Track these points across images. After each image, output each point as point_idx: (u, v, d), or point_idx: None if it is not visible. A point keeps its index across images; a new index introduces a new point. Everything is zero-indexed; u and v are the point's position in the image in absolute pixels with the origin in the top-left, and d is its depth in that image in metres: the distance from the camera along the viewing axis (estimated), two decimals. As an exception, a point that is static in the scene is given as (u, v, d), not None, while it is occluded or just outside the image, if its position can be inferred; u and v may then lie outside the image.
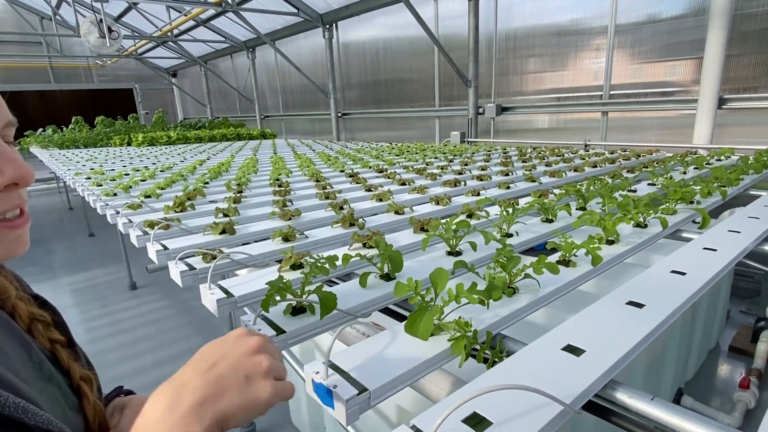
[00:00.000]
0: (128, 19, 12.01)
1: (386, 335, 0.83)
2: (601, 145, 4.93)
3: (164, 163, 4.32)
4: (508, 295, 0.97)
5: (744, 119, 4.20)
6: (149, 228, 1.63)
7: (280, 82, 11.17)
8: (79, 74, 15.57)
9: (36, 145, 7.98)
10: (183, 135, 8.21)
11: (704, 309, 2.64)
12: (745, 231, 1.41)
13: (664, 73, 4.64)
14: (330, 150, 5.42)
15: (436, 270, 0.86)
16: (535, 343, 0.80)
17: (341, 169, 3.32)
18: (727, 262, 1.15)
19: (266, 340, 0.57)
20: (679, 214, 1.62)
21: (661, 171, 2.45)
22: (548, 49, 5.55)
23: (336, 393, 0.67)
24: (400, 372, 0.72)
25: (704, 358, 2.94)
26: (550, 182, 2.56)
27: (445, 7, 6.63)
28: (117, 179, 2.98)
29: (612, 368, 0.72)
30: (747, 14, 3.95)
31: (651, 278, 1.06)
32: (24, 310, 0.64)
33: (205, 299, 1.08)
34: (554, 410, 0.61)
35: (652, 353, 2.08)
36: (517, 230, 1.48)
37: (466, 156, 3.97)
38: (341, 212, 1.81)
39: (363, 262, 1.22)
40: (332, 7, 8.19)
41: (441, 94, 7.15)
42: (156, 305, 4.54)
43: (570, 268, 1.13)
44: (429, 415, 0.61)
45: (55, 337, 0.65)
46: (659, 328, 0.85)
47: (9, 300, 0.63)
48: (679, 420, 0.64)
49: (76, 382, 0.62)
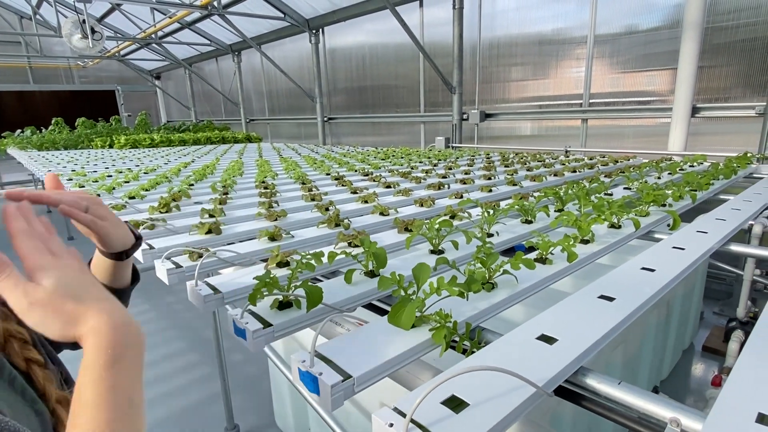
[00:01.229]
0: (111, 20, 11.86)
1: (370, 327, 0.86)
2: (581, 151, 5.06)
3: (148, 165, 4.28)
4: (487, 290, 1.01)
5: (717, 128, 4.36)
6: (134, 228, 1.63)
7: (266, 86, 11.15)
8: (59, 75, 15.28)
9: (14, 147, 7.81)
10: (167, 138, 8.13)
11: (678, 310, 2.73)
12: (712, 231, 1.49)
13: (642, 83, 4.80)
14: (316, 154, 5.44)
15: (418, 265, 0.89)
16: (511, 334, 0.84)
17: (327, 173, 3.35)
18: (694, 259, 1.22)
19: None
20: (652, 216, 1.70)
21: (637, 176, 2.54)
22: (530, 58, 5.69)
23: (321, 380, 0.70)
24: (383, 360, 0.75)
25: (679, 357, 3.03)
26: (531, 186, 2.63)
27: (430, 14, 6.73)
28: (99, 180, 2.95)
29: (582, 355, 0.76)
30: (718, 27, 4.12)
31: (622, 274, 1.12)
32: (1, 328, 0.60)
33: (192, 296, 1.10)
34: (527, 392, 0.65)
35: (628, 352, 2.15)
36: (498, 230, 1.53)
37: (450, 161, 4.03)
38: (327, 213, 1.84)
39: (348, 261, 1.25)
40: (319, 13, 8.24)
41: (426, 100, 7.24)
42: (138, 309, 4.47)
43: (547, 266, 1.18)
44: (410, 397, 0.64)
45: (31, 356, 0.61)
46: (628, 319, 0.90)
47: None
48: (643, 402, 0.69)
49: (52, 405, 0.59)
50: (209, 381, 3.16)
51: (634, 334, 2.18)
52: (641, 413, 0.69)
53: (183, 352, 3.58)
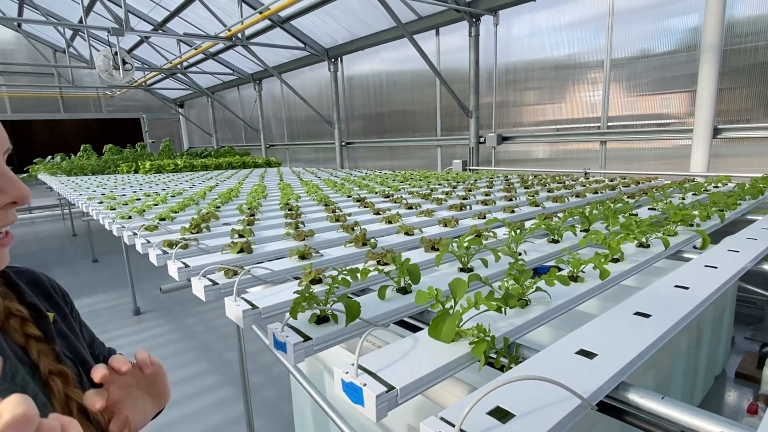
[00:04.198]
0: (139, 51, 12.44)
1: (408, 341, 0.88)
2: (601, 173, 5.05)
3: (174, 189, 4.41)
4: (521, 307, 1.02)
5: (739, 149, 4.32)
6: (169, 247, 1.68)
7: (286, 113, 11.46)
8: (88, 104, 15.98)
9: (44, 172, 8.12)
10: (190, 163, 8.37)
11: (708, 334, 2.66)
12: (744, 250, 1.47)
13: (660, 105, 4.80)
14: (335, 177, 5.53)
15: (454, 279, 0.91)
16: (549, 349, 0.85)
17: (348, 195, 3.40)
18: (728, 277, 1.21)
19: None
20: (680, 236, 1.69)
21: (661, 197, 2.53)
22: (546, 82, 5.76)
23: (366, 390, 0.71)
24: (425, 372, 0.76)
25: (711, 384, 2.93)
26: (554, 207, 2.63)
27: (446, 41, 6.90)
28: (130, 203, 3.06)
29: (623, 370, 0.77)
30: (736, 50, 4.14)
31: (656, 292, 1.12)
32: (18, 330, 0.65)
33: (230, 311, 1.13)
34: (572, 404, 0.66)
35: (658, 376, 2.10)
36: (525, 249, 1.54)
37: (470, 183, 4.06)
38: (353, 233, 1.87)
39: (379, 278, 1.27)
40: (338, 42, 8.52)
41: (443, 125, 7.34)
42: (159, 330, 4.53)
43: (578, 283, 1.18)
44: (456, 408, 0.65)
45: (30, 332, 0.65)
46: (665, 335, 0.90)
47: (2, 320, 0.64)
48: (689, 417, 0.68)
49: (45, 376, 0.62)
50: (230, 403, 3.15)
51: (664, 359, 2.12)
52: (686, 428, 0.69)
53: (204, 374, 3.59)
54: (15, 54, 14.03)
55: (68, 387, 0.64)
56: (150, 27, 10.25)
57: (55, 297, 0.79)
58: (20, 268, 0.77)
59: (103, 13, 8.84)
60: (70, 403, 0.63)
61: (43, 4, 10.49)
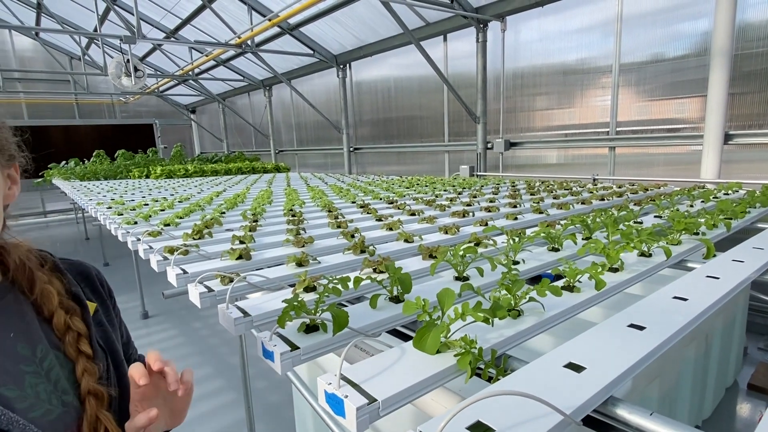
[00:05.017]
0: (152, 58, 12.66)
1: (394, 352, 0.87)
2: (610, 179, 4.98)
3: (182, 194, 4.46)
4: (513, 317, 1.01)
5: (752, 155, 4.24)
6: (169, 253, 1.70)
7: (295, 119, 11.54)
8: (102, 110, 16.27)
9: (58, 177, 8.28)
10: (200, 168, 8.46)
11: (718, 344, 2.59)
12: (750, 261, 1.44)
13: (670, 111, 4.74)
14: (342, 183, 5.55)
15: (443, 290, 0.90)
16: (538, 361, 0.83)
17: (353, 201, 3.41)
18: (729, 289, 1.18)
19: None
20: (684, 245, 1.65)
21: (667, 204, 2.48)
22: (555, 87, 5.72)
23: (347, 402, 0.71)
24: (408, 385, 0.76)
25: (722, 395, 2.86)
26: (558, 214, 2.60)
27: (454, 47, 6.90)
28: (137, 209, 3.09)
29: (611, 384, 0.75)
30: (748, 54, 4.07)
31: (653, 303, 1.09)
32: (62, 320, 0.70)
33: (223, 318, 1.13)
34: (554, 420, 0.64)
35: (664, 387, 2.05)
36: (524, 258, 1.52)
37: (475, 189, 4.04)
38: (352, 240, 1.87)
39: (373, 287, 1.27)
40: (346, 49, 8.57)
41: (450, 130, 7.33)
42: (166, 334, 4.57)
43: (574, 294, 1.16)
44: (435, 421, 0.64)
45: (83, 348, 0.70)
46: (659, 349, 0.88)
47: (50, 306, 0.70)
48: (677, 434, 0.66)
49: (84, 396, 0.67)
50: (233, 408, 3.16)
51: (671, 369, 2.08)
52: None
53: (208, 378, 3.61)
54: (33, 61, 14.35)
55: (101, 410, 0.68)
56: (162, 35, 10.42)
57: (101, 291, 0.86)
58: (73, 261, 0.84)
59: (118, 22, 9.01)
60: (99, 425, 0.67)
61: (59, 13, 10.74)
